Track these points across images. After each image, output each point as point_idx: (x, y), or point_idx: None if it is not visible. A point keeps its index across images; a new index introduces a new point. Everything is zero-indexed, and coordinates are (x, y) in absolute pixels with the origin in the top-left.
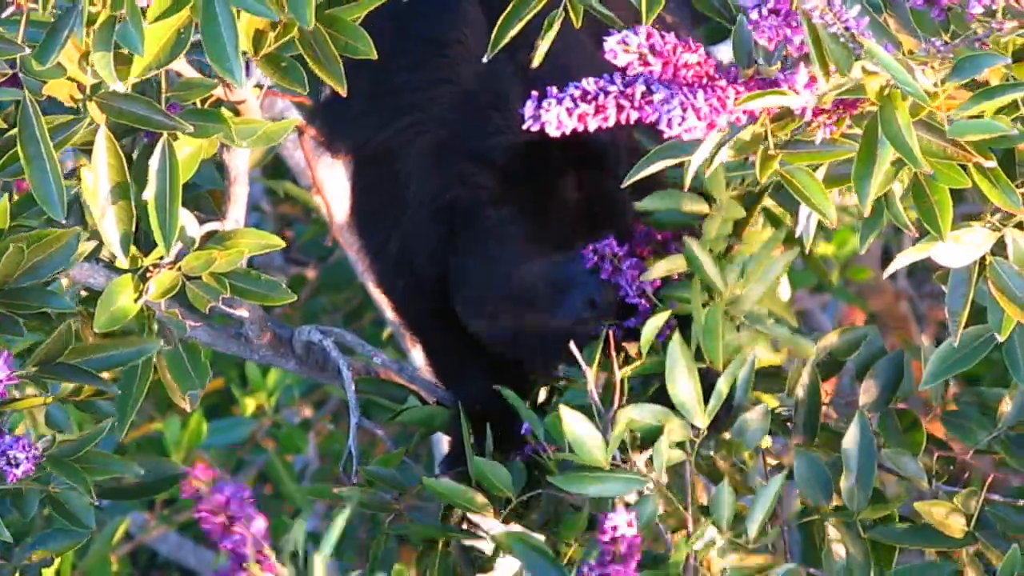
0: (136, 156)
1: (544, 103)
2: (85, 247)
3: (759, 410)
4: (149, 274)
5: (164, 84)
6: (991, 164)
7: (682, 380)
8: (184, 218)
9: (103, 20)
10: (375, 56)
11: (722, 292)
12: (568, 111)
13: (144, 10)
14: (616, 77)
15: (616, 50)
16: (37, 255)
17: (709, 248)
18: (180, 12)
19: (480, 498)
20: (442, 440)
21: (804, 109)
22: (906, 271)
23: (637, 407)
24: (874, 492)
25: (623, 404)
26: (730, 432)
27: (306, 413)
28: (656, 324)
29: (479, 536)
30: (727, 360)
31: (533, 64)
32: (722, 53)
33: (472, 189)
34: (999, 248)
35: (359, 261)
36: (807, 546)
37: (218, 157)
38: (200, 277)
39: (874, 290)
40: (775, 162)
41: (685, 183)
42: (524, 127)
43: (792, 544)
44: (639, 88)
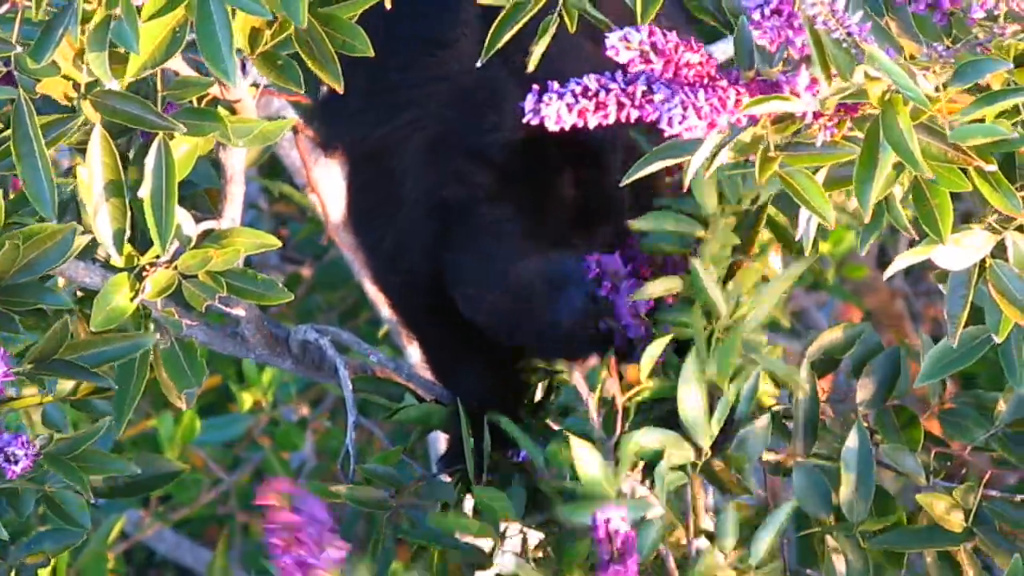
0: (132, 155)
1: (545, 97)
2: (80, 240)
3: (761, 422)
4: (145, 273)
5: (160, 83)
6: (992, 168)
7: (693, 399)
8: (180, 217)
9: (98, 18)
10: (372, 53)
11: (720, 316)
12: (568, 106)
13: (139, 8)
14: (617, 75)
15: (618, 47)
16: (32, 251)
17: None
18: (175, 11)
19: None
20: (439, 438)
21: (805, 112)
22: (902, 270)
23: (644, 432)
24: (878, 491)
25: (625, 430)
26: (731, 446)
27: (303, 410)
28: (656, 352)
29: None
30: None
31: (529, 69)
32: (716, 54)
33: (468, 186)
34: (998, 251)
35: (355, 258)
36: (803, 549)
37: (214, 156)
38: (196, 276)
39: (870, 288)
40: (775, 164)
41: (684, 183)
42: (524, 120)
43: (786, 546)
44: (640, 86)
